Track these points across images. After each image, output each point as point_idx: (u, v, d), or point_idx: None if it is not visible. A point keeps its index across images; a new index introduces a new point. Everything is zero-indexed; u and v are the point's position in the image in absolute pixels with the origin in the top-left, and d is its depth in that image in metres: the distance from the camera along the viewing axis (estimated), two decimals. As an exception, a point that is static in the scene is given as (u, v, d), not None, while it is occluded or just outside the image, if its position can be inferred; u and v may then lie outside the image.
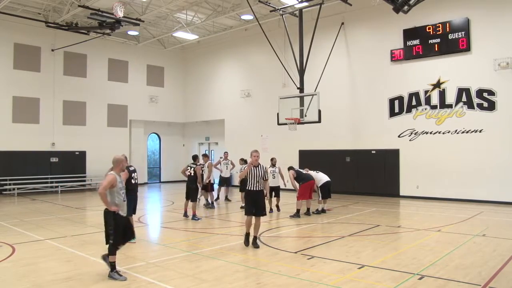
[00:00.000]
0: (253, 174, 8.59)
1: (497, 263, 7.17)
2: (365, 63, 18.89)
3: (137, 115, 25.60)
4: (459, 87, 16.22)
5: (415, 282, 6.17)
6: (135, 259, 7.69)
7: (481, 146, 15.65)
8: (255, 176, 8.60)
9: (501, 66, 15.25)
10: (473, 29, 15.95)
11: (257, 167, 8.63)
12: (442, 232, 10.15)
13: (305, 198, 12.59)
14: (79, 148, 22.66)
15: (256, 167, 8.62)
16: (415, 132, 17.35)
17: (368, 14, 18.62)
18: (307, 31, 17.54)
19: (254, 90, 23.38)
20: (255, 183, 8.61)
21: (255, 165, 8.64)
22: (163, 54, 26.70)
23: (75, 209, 15.34)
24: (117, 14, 15.72)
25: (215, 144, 27.26)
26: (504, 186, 15.08)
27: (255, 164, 8.64)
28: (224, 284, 6.17)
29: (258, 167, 8.66)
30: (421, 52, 17.10)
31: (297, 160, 20.01)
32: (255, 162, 8.63)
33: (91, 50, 23.14)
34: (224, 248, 8.54)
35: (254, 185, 8.60)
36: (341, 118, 19.35)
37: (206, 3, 19.85)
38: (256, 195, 8.65)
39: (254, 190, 8.62)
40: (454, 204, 15.24)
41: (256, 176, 8.60)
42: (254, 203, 8.61)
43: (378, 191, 18.08)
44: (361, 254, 7.91)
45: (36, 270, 7.11)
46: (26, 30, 20.79)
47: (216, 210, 14.78)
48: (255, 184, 8.61)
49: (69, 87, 22.52)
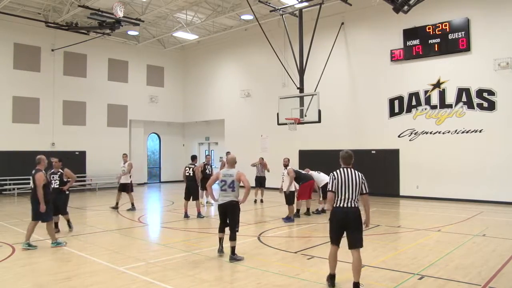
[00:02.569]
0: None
1: (497, 263, 7.17)
2: (365, 63, 18.89)
3: (137, 115, 25.60)
4: (459, 87, 16.22)
5: (415, 282, 6.17)
6: (135, 259, 7.69)
7: (481, 146, 15.65)
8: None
9: (501, 66, 15.25)
10: (473, 29, 15.95)
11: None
12: (442, 232, 10.15)
13: (305, 198, 12.59)
14: (79, 148, 22.65)
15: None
16: (415, 132, 17.35)
17: (368, 14, 18.62)
18: (307, 31, 17.53)
19: (254, 90, 23.38)
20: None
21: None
22: (163, 54, 26.70)
23: (75, 209, 15.31)
24: (117, 14, 15.73)
25: (215, 144, 27.26)
26: (504, 186, 15.07)
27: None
28: (224, 284, 6.17)
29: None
30: (421, 52, 17.10)
31: (297, 160, 20.01)
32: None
33: (91, 50, 23.14)
34: (224, 248, 8.52)
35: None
36: (341, 118, 19.35)
37: (206, 3, 19.85)
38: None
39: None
40: (454, 204, 15.24)
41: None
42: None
43: (378, 191, 17.98)
44: (361, 254, 7.88)
45: (36, 270, 7.11)
46: (26, 30, 20.79)
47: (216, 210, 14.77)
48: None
49: (69, 87, 22.52)
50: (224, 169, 8.05)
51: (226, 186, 7.66)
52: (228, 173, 7.73)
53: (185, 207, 12.64)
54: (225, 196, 7.65)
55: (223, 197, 7.67)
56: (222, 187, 7.71)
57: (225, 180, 7.68)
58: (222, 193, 7.72)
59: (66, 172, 10.19)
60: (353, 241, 5.80)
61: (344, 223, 5.80)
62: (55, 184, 9.91)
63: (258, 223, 12.03)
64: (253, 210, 14.78)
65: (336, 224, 5.88)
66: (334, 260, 5.94)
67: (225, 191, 7.67)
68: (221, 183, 7.72)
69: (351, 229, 5.80)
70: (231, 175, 7.68)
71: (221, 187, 7.74)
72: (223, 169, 8.10)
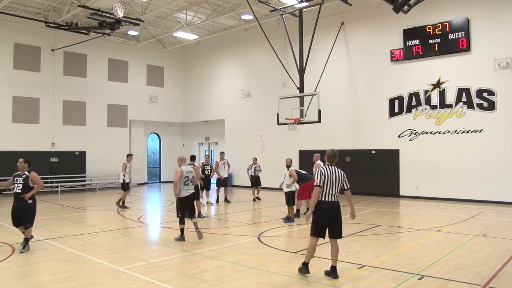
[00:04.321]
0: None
1: (497, 263, 7.17)
2: (365, 63, 18.89)
3: (137, 115, 25.60)
4: (459, 87, 16.22)
5: (415, 282, 6.17)
6: (135, 259, 7.69)
7: (481, 146, 15.65)
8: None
9: (501, 66, 15.25)
10: (473, 29, 15.95)
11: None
12: (442, 232, 10.15)
13: (305, 198, 12.58)
14: (79, 148, 22.65)
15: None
16: (415, 132, 17.34)
17: (368, 14, 18.61)
18: (307, 31, 17.53)
19: (254, 90, 23.38)
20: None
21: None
22: (163, 54, 26.70)
23: (75, 209, 15.34)
24: (117, 14, 15.73)
25: (215, 144, 27.25)
26: (504, 186, 15.07)
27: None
28: (224, 284, 6.17)
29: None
30: (421, 52, 17.10)
31: (297, 160, 20.00)
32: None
33: (91, 50, 23.15)
34: (224, 248, 8.54)
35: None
36: (341, 118, 19.35)
37: (206, 3, 19.85)
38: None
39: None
40: (454, 204, 15.24)
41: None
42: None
43: (378, 191, 18.07)
44: (361, 254, 7.91)
45: (36, 270, 7.11)
46: (26, 30, 20.79)
47: (216, 210, 14.80)
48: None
49: (69, 87, 22.53)
50: (184, 167, 9.28)
51: (189, 181, 9.18)
52: (188, 170, 9.21)
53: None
54: (188, 190, 9.17)
55: (186, 191, 9.14)
56: (185, 182, 9.11)
57: (188, 176, 9.13)
58: (185, 187, 9.12)
59: (32, 176, 8.52)
60: (336, 232, 6.40)
61: (331, 215, 6.36)
62: (18, 188, 8.46)
63: (258, 223, 12.04)
64: (253, 210, 14.79)
65: (323, 217, 6.37)
66: (314, 251, 6.51)
67: (187, 185, 9.15)
68: (185, 179, 9.09)
69: (335, 221, 6.39)
70: (191, 171, 9.23)
71: (184, 182, 9.08)
72: (185, 167, 9.33)
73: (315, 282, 6.20)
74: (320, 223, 6.37)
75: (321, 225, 6.37)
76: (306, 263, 6.51)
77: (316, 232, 6.42)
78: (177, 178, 9.01)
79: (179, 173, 9.02)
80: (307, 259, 6.53)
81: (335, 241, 6.41)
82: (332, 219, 6.36)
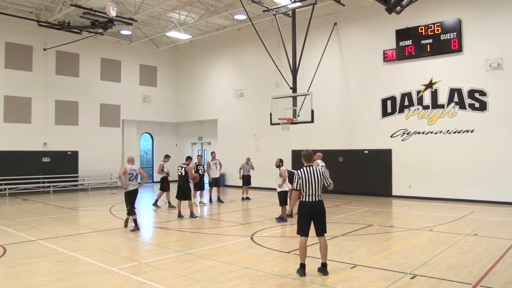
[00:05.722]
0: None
1: (488, 262, 7.23)
2: (358, 63, 18.95)
3: (130, 115, 25.49)
4: (451, 88, 16.33)
5: (408, 282, 6.21)
6: (128, 259, 7.67)
7: (472, 146, 15.76)
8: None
9: (492, 67, 15.37)
10: (465, 30, 16.07)
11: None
12: (434, 232, 10.21)
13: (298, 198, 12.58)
14: (72, 148, 22.51)
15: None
16: (407, 132, 17.44)
17: (361, 15, 18.68)
18: (300, 31, 17.57)
19: (247, 90, 23.38)
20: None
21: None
22: (156, 54, 26.61)
23: (67, 209, 15.24)
24: (109, 13, 15.65)
25: (208, 144, 27.22)
26: (496, 186, 15.19)
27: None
28: (217, 284, 6.17)
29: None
30: (414, 53, 17.20)
31: (290, 160, 20.02)
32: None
33: (83, 50, 23.01)
34: (217, 248, 8.53)
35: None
36: (334, 118, 19.41)
37: (199, 3, 19.81)
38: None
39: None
40: (446, 204, 15.34)
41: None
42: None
43: (370, 191, 18.14)
44: (354, 254, 7.95)
45: (28, 270, 7.06)
46: (18, 29, 20.62)
47: (209, 210, 14.79)
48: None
49: (61, 86, 22.38)
50: (129, 166, 10.71)
51: (133, 177, 10.63)
52: (133, 168, 10.73)
53: (178, 207, 12.65)
54: (134, 185, 10.70)
55: (133, 185, 10.66)
56: (130, 178, 10.56)
57: (132, 173, 10.62)
58: (131, 182, 10.60)
59: None
60: (320, 229, 6.65)
61: (311, 215, 6.59)
62: None
63: (251, 223, 12.05)
64: (245, 210, 14.79)
65: (304, 217, 6.63)
66: (305, 250, 6.61)
67: (132, 181, 10.63)
68: (129, 175, 10.56)
69: (318, 219, 6.64)
70: (135, 169, 10.78)
71: (129, 178, 10.55)
72: (130, 166, 10.72)
73: (308, 282, 6.21)
74: (303, 222, 6.61)
75: (304, 224, 6.60)
76: (303, 264, 6.56)
77: (299, 231, 6.65)
78: (121, 173, 10.49)
79: (122, 170, 10.56)
80: (301, 259, 6.59)
81: (322, 238, 6.64)
82: (313, 218, 6.60)
